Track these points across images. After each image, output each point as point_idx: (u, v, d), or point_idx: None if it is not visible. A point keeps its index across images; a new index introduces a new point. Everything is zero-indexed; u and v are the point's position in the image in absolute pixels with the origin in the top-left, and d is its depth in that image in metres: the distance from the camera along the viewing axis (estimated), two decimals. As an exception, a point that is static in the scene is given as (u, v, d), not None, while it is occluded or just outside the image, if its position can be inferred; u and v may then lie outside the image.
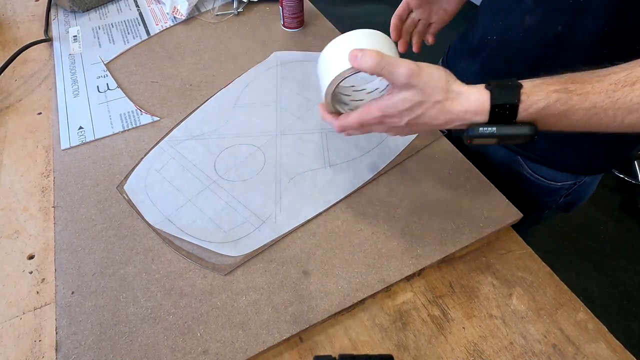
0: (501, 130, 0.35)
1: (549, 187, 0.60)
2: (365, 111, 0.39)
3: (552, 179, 0.59)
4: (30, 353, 0.41)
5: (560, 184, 0.59)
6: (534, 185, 0.61)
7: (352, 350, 0.42)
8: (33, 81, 0.72)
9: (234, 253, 0.47)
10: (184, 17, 0.82)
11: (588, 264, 1.50)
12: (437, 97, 0.36)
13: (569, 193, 0.61)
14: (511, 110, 0.34)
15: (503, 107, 0.34)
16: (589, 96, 0.33)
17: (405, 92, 0.36)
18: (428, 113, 0.37)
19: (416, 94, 0.36)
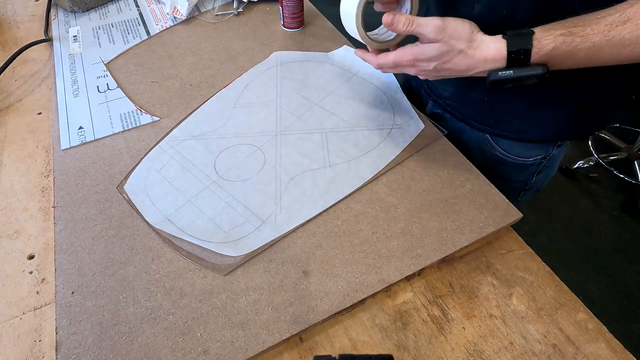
0: (517, 72, 0.41)
1: (522, 164, 0.64)
2: (400, 53, 0.46)
3: (523, 156, 0.63)
4: (30, 353, 0.41)
5: (532, 160, 0.63)
6: (507, 165, 0.64)
7: (352, 350, 0.42)
8: (33, 81, 0.72)
9: (234, 253, 0.47)
10: (184, 17, 0.82)
11: (588, 264, 1.50)
12: (461, 46, 0.43)
13: (539, 170, 0.65)
14: (525, 54, 0.40)
15: (518, 53, 0.40)
16: (588, 37, 0.39)
17: (433, 44, 0.43)
18: (453, 60, 0.44)
19: (442, 45, 0.43)
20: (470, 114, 0.62)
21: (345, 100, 0.65)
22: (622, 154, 1.81)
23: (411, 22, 0.44)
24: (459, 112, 0.63)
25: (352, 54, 0.72)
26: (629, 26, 0.37)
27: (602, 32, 0.38)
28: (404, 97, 0.65)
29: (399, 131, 0.60)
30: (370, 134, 0.60)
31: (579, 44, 0.39)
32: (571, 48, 0.39)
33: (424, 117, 0.62)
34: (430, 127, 0.61)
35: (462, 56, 0.43)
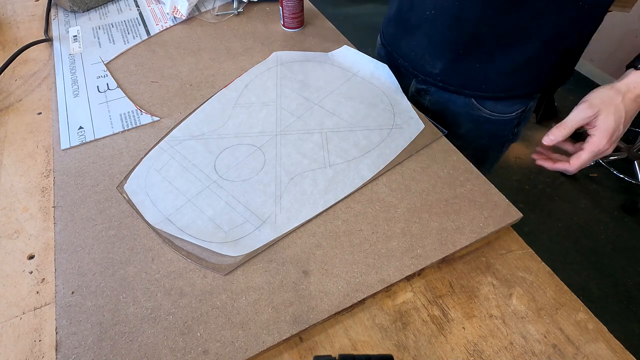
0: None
1: (506, 120, 0.70)
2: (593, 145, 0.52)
3: (507, 112, 0.68)
4: (30, 353, 0.41)
5: (515, 114, 0.68)
6: (493, 122, 0.70)
7: (352, 350, 0.42)
8: (33, 81, 0.72)
9: (234, 253, 0.47)
10: (184, 17, 0.82)
11: (588, 264, 1.50)
12: (617, 99, 0.50)
13: (520, 121, 0.71)
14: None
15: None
16: None
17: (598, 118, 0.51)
18: (627, 115, 0.50)
19: (605, 112, 0.50)
20: (461, 83, 0.66)
21: (345, 100, 0.65)
22: (622, 154, 1.81)
23: (560, 129, 0.53)
24: (450, 84, 0.67)
25: (352, 54, 0.72)
26: None
27: None
28: (404, 97, 0.65)
29: (399, 131, 0.60)
30: (370, 134, 0.60)
31: None
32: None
33: (424, 117, 0.62)
34: (430, 127, 0.61)
35: (626, 105, 0.50)
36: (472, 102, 0.68)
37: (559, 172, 1.83)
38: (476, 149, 0.64)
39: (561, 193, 1.74)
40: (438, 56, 0.64)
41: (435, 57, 0.65)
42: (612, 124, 0.50)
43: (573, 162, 0.53)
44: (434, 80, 0.68)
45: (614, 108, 0.50)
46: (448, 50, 0.62)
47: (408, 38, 0.69)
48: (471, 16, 0.57)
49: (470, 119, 0.69)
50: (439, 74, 0.67)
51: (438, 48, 0.64)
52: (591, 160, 0.53)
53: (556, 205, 1.70)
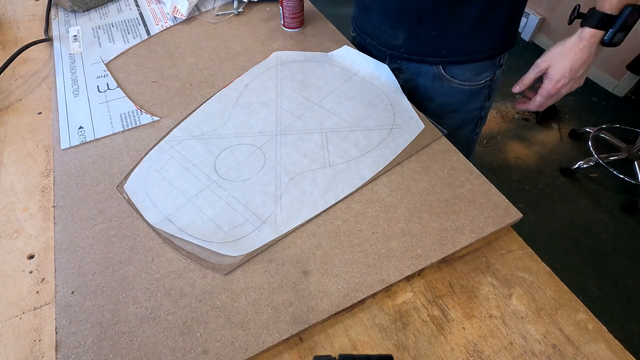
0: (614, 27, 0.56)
1: (475, 90, 0.74)
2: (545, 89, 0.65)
3: (475, 81, 0.73)
4: (30, 353, 0.41)
5: (483, 82, 0.73)
6: (463, 93, 0.74)
7: (352, 350, 0.42)
8: (33, 81, 0.72)
9: (234, 253, 0.47)
10: (184, 17, 0.82)
11: (588, 264, 1.50)
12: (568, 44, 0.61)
13: (489, 95, 0.77)
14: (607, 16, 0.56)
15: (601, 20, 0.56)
16: None
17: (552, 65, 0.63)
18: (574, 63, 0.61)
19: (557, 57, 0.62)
20: (424, 51, 0.70)
21: (345, 100, 0.65)
22: (622, 154, 1.81)
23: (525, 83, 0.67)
24: (415, 54, 0.71)
25: (352, 54, 0.72)
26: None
27: None
28: (404, 97, 0.65)
29: (399, 131, 0.60)
30: (370, 134, 0.60)
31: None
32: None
33: (424, 117, 0.62)
34: (430, 127, 0.61)
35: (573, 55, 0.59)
36: (441, 72, 0.71)
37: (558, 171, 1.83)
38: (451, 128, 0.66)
39: (561, 193, 1.74)
40: (398, 27, 0.69)
41: (396, 29, 0.69)
42: (557, 74, 0.61)
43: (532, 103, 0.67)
44: (399, 52, 0.72)
45: (562, 60, 0.60)
46: (406, 19, 0.67)
47: (370, 16, 0.73)
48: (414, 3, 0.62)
49: (441, 91, 0.74)
50: (402, 44, 0.70)
51: (397, 19, 0.68)
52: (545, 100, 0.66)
53: (556, 205, 1.70)
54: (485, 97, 0.77)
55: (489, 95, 0.77)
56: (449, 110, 0.76)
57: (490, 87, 0.75)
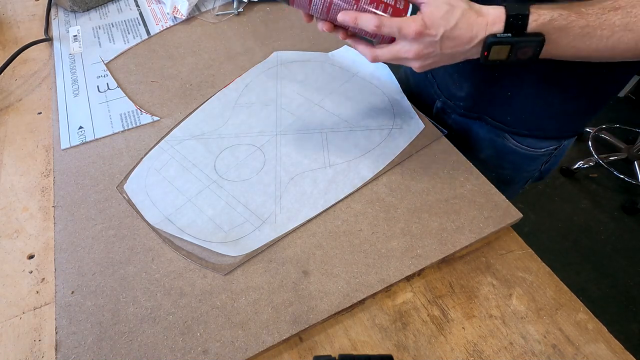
0: (515, 37, 0.40)
1: (533, 155, 0.64)
2: (410, 18, 0.41)
3: (535, 147, 0.63)
4: (30, 353, 0.41)
5: (544, 150, 0.64)
6: (518, 155, 0.64)
7: (352, 350, 0.42)
8: (33, 81, 0.72)
9: (234, 253, 0.47)
10: (184, 17, 0.82)
11: (588, 264, 1.50)
12: (464, 6, 0.41)
13: (549, 159, 0.66)
14: (523, 20, 0.40)
15: (516, 17, 0.40)
16: (583, 15, 0.39)
17: (434, 1, 0.41)
18: (458, 25, 0.41)
19: (445, 1, 0.40)
20: (487, 111, 0.62)
21: (345, 100, 0.65)
22: (622, 154, 1.81)
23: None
24: (475, 111, 0.63)
25: (352, 54, 0.72)
26: (619, 12, 0.39)
27: (596, 13, 0.39)
28: (404, 97, 0.65)
29: (399, 131, 0.60)
30: (370, 134, 0.60)
31: (575, 20, 0.40)
32: (567, 22, 0.40)
33: (424, 117, 0.62)
34: (430, 127, 0.61)
35: (467, 17, 0.40)
36: (501, 133, 0.64)
37: (558, 171, 1.83)
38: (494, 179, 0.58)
39: (561, 193, 1.74)
40: (467, 78, 0.60)
41: (464, 79, 0.61)
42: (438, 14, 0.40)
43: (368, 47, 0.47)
44: (455, 105, 0.64)
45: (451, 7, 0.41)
46: (479, 71, 0.58)
47: None
48: None
49: (493, 145, 0.65)
50: (464, 97, 0.63)
51: (469, 68, 0.59)
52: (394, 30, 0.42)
53: (556, 205, 1.70)
54: (544, 162, 0.67)
55: (549, 161, 0.67)
56: (496, 165, 0.66)
57: (552, 154, 0.65)
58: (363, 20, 0.42)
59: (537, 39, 0.40)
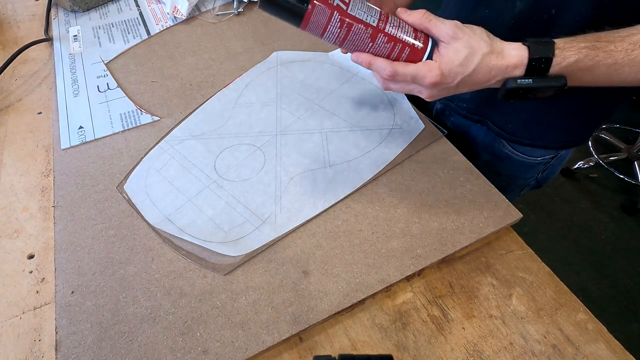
0: (537, 82, 0.38)
1: (530, 163, 0.63)
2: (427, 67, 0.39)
3: (531, 155, 0.62)
4: (30, 353, 0.41)
5: (540, 159, 0.62)
6: (514, 162, 0.63)
7: (352, 350, 0.42)
8: (33, 81, 0.72)
9: (233, 253, 0.47)
10: (184, 17, 0.82)
11: (588, 264, 1.50)
12: (484, 48, 0.38)
13: (546, 168, 0.65)
14: (546, 63, 0.37)
15: (539, 61, 0.37)
16: (611, 53, 0.37)
17: (454, 44, 0.38)
18: (477, 68, 0.38)
19: (465, 45, 0.38)
20: (490, 115, 0.61)
21: (345, 100, 0.65)
22: (622, 155, 1.81)
23: (427, 16, 0.39)
24: (477, 114, 0.62)
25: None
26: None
27: (626, 50, 0.37)
28: (404, 97, 0.65)
29: (399, 131, 0.60)
30: (370, 134, 0.60)
31: (602, 60, 0.37)
32: (594, 63, 0.37)
33: (424, 117, 0.62)
34: (430, 128, 0.61)
35: (486, 62, 0.38)
36: (498, 138, 0.63)
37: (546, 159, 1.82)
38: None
39: (561, 193, 1.74)
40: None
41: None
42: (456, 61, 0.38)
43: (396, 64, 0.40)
44: (457, 106, 0.63)
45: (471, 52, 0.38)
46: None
47: None
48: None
49: (490, 151, 0.64)
50: (467, 99, 0.61)
51: None
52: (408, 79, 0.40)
53: (556, 205, 1.70)
54: (540, 170, 0.66)
55: (545, 169, 0.66)
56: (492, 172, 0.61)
57: (549, 163, 0.64)
58: (377, 66, 0.40)
59: (559, 83, 0.38)
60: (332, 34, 0.40)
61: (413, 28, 0.41)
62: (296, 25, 0.40)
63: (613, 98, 0.55)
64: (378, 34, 0.40)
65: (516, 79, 0.39)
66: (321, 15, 0.39)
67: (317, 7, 0.38)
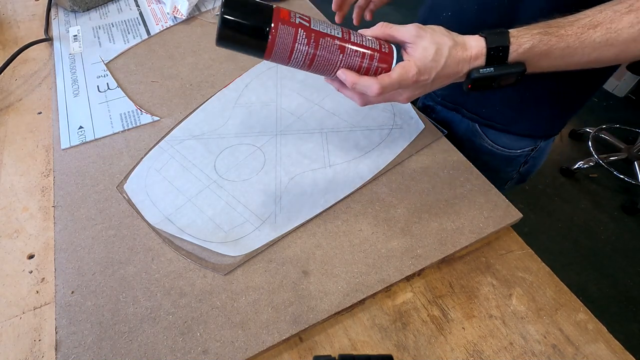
0: (498, 70, 0.41)
1: (509, 155, 0.66)
2: (405, 69, 0.40)
3: (511, 147, 0.64)
4: (30, 353, 0.41)
5: (520, 151, 0.65)
6: (495, 156, 0.66)
7: (352, 350, 0.42)
8: (33, 81, 0.72)
9: (233, 253, 0.47)
10: (184, 17, 0.82)
11: (588, 264, 1.50)
12: (449, 42, 0.40)
13: (526, 160, 0.67)
14: (504, 51, 0.40)
15: (497, 49, 0.40)
16: (563, 37, 0.40)
17: (420, 42, 0.40)
18: (447, 62, 0.40)
19: (430, 41, 0.39)
20: (462, 102, 0.63)
21: (345, 100, 0.65)
22: (622, 155, 1.81)
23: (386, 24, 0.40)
24: (451, 101, 0.65)
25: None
26: (599, 30, 0.39)
27: (576, 34, 0.39)
28: (404, 97, 0.65)
29: (399, 131, 0.60)
30: (370, 134, 0.60)
31: (555, 44, 0.40)
32: (547, 47, 0.40)
33: (424, 117, 0.62)
34: (430, 127, 0.61)
35: (454, 55, 0.40)
36: (476, 129, 0.65)
37: (558, 171, 1.83)
38: None
39: (561, 193, 1.74)
40: None
41: None
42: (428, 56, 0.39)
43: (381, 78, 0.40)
44: (434, 94, 0.65)
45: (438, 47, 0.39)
46: None
47: None
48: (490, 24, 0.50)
49: (471, 146, 0.66)
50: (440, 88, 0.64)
51: None
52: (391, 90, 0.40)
53: (556, 205, 1.70)
54: (522, 163, 0.68)
55: (527, 162, 0.67)
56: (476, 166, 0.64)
57: (530, 156, 0.66)
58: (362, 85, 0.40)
59: (519, 69, 0.40)
60: (300, 53, 0.38)
61: (375, 38, 0.41)
62: (260, 55, 0.38)
63: (581, 88, 0.57)
64: (346, 45, 0.39)
65: (478, 69, 0.41)
66: (286, 36, 0.37)
67: (280, 28, 0.37)
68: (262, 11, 0.37)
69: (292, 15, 0.38)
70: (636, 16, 0.38)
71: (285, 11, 0.38)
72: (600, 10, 0.39)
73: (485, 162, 0.64)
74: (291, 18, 0.38)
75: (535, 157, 0.67)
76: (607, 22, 0.39)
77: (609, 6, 0.39)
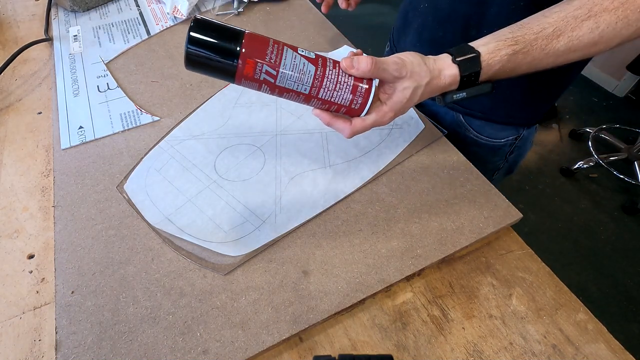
0: (470, 92, 0.44)
1: (494, 145, 0.68)
2: (380, 114, 0.43)
3: (495, 137, 0.67)
4: (30, 352, 0.41)
5: (504, 141, 0.67)
6: (480, 147, 0.68)
7: (352, 350, 0.42)
8: (33, 81, 0.72)
9: (233, 253, 0.47)
10: (184, 17, 0.82)
11: (588, 264, 1.50)
12: (426, 78, 0.42)
13: (512, 150, 0.69)
14: (475, 76, 0.43)
15: (469, 76, 0.43)
16: (529, 53, 0.42)
17: (400, 83, 0.42)
18: (423, 96, 0.43)
19: (410, 82, 0.42)
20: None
21: (346, 100, 0.65)
22: (622, 155, 1.81)
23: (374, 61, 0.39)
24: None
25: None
26: (562, 39, 0.41)
27: (540, 46, 0.42)
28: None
29: (399, 131, 0.60)
30: (371, 134, 0.60)
31: (522, 60, 0.42)
32: (515, 65, 0.43)
33: (424, 117, 0.62)
34: (430, 127, 0.61)
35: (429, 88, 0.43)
36: (460, 120, 0.67)
37: (558, 171, 1.83)
38: None
39: (561, 193, 1.74)
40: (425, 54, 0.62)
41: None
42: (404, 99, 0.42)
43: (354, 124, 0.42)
44: None
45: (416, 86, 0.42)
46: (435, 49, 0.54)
47: (405, 34, 0.68)
48: (463, 14, 0.56)
49: (456, 138, 0.67)
50: None
51: (426, 46, 0.63)
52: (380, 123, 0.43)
53: (556, 205, 1.70)
54: (507, 153, 0.69)
55: (512, 152, 0.69)
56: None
57: (514, 145, 0.68)
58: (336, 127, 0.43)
59: (487, 90, 0.44)
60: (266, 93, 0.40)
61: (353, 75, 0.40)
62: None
63: (553, 77, 0.59)
64: (311, 99, 0.40)
65: (452, 94, 0.44)
66: (251, 85, 0.39)
67: (243, 82, 0.38)
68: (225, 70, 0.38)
69: (257, 70, 0.37)
70: (595, 21, 0.40)
71: (251, 66, 0.37)
72: (562, 18, 0.41)
73: (472, 153, 0.66)
74: (255, 74, 0.37)
75: (520, 146, 0.69)
76: (569, 31, 0.41)
77: (570, 11, 0.41)
